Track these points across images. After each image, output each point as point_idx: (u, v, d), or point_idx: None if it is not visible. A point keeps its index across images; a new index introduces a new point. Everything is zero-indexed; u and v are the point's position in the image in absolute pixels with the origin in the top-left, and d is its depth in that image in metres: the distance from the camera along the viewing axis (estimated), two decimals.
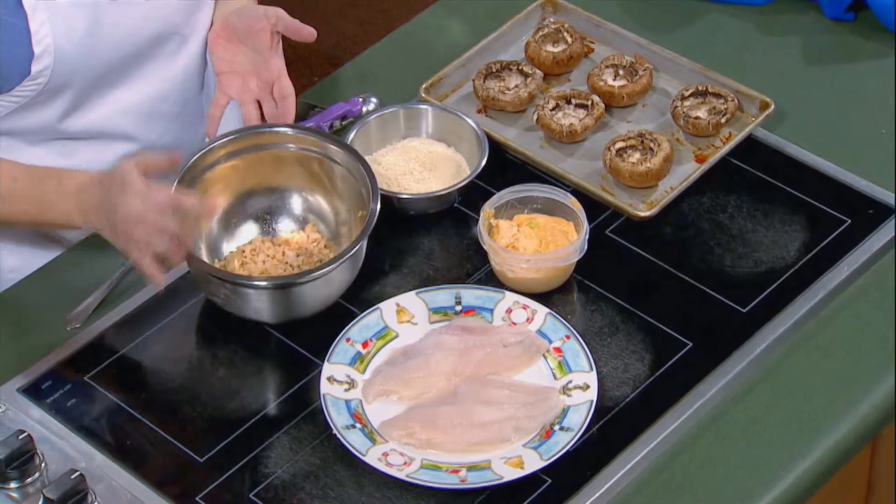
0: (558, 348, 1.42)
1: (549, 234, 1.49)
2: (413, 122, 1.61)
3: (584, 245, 1.46)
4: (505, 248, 1.47)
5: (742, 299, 1.48)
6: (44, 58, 1.41)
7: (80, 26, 1.43)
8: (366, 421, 1.37)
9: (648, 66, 1.66)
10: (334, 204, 1.52)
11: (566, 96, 1.63)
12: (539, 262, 1.45)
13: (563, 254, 1.45)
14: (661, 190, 1.57)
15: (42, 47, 1.41)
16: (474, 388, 1.39)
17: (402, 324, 1.45)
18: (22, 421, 1.38)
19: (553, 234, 1.49)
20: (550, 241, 1.48)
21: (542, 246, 1.48)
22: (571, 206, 1.49)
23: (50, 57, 1.41)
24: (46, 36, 1.41)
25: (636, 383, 1.41)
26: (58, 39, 1.41)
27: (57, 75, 1.44)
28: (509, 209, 1.51)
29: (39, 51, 1.41)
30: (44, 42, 1.41)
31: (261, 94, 1.53)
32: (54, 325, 1.48)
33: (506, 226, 1.50)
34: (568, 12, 1.73)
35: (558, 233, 1.49)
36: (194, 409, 1.40)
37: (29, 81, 1.43)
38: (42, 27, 1.40)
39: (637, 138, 1.58)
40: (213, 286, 1.44)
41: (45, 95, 1.46)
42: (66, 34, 1.42)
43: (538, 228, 1.49)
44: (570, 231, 1.49)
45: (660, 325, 1.46)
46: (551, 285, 1.47)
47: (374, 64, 1.74)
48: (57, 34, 1.41)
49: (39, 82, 1.43)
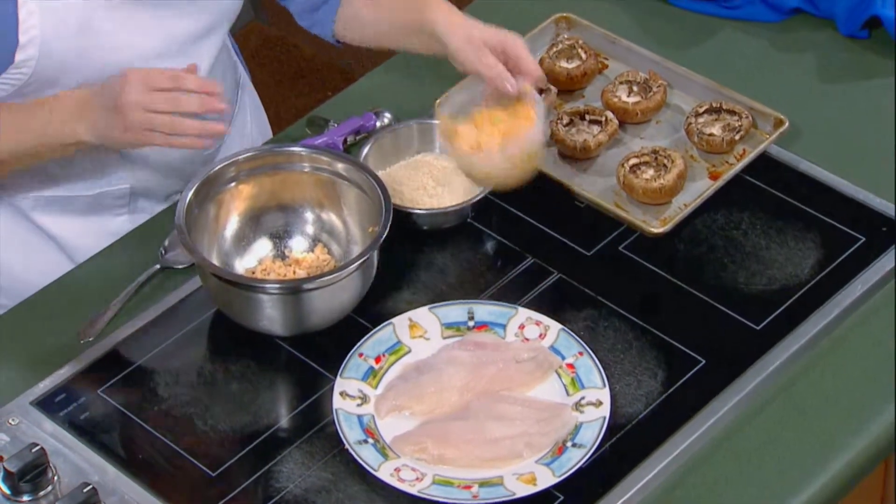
0: (571, 364, 1.43)
1: (513, 127, 1.46)
2: (427, 137, 1.63)
3: (546, 127, 1.43)
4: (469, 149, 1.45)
5: (755, 316, 1.49)
6: (28, 48, 1.42)
7: (70, 24, 1.43)
8: (378, 436, 1.38)
9: (662, 83, 1.67)
10: (346, 221, 1.53)
11: (580, 112, 1.64)
12: (501, 154, 1.43)
13: (525, 138, 1.43)
14: (674, 206, 1.58)
15: (28, 37, 1.41)
16: (487, 403, 1.40)
17: (414, 339, 1.46)
18: (35, 434, 1.39)
19: (516, 123, 1.46)
20: (513, 132, 1.46)
21: (506, 140, 1.46)
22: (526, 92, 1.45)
23: (35, 48, 1.42)
24: (34, 27, 1.41)
25: (649, 400, 1.42)
26: (46, 33, 1.42)
27: (44, 68, 1.44)
28: (467, 109, 1.48)
29: (25, 40, 1.41)
30: (30, 32, 1.41)
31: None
32: (68, 338, 1.49)
33: (466, 130, 1.47)
34: (582, 28, 1.74)
35: (521, 118, 1.46)
36: (206, 422, 1.41)
37: (13, 69, 1.43)
38: (31, 17, 1.41)
39: (651, 155, 1.59)
40: (226, 296, 1.45)
41: (33, 87, 1.46)
42: (55, 29, 1.42)
43: (500, 123, 1.46)
44: (533, 115, 1.46)
45: (673, 342, 1.47)
46: (526, 175, 1.46)
47: (388, 79, 1.75)
48: (45, 27, 1.42)
49: (24, 72, 1.44)
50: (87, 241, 1.61)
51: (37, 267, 1.60)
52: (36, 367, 1.46)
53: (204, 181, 1.49)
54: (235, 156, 1.52)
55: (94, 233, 1.61)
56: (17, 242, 1.61)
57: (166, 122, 1.38)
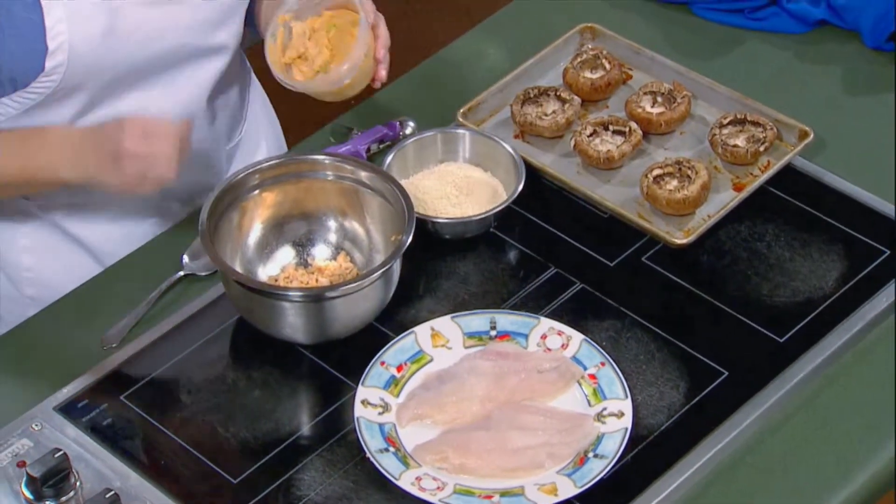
0: (593, 375, 1.44)
1: (346, 38, 1.47)
2: (450, 147, 1.63)
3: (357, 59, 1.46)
4: (289, 61, 1.47)
5: (779, 329, 1.49)
6: (58, 54, 1.43)
7: (97, 26, 1.45)
8: (399, 445, 1.39)
9: (687, 94, 1.67)
10: (369, 230, 1.54)
11: (604, 122, 1.65)
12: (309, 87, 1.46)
13: (331, 77, 1.46)
14: (698, 218, 1.58)
15: (56, 43, 1.42)
16: (508, 413, 1.40)
17: (436, 348, 1.46)
18: (58, 439, 1.40)
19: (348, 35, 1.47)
20: (342, 47, 1.47)
21: (335, 55, 1.47)
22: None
23: (64, 54, 1.43)
24: (62, 33, 1.42)
25: (671, 411, 1.42)
26: (73, 37, 1.43)
27: (72, 74, 1.45)
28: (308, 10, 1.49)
29: (54, 46, 1.42)
30: (58, 38, 1.42)
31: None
32: (91, 344, 1.50)
33: (298, 32, 1.49)
34: (607, 39, 1.75)
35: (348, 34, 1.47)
36: (228, 430, 1.42)
37: (43, 77, 1.44)
38: (58, 24, 1.42)
39: (675, 165, 1.59)
40: (248, 303, 1.46)
41: (60, 94, 1.47)
42: (83, 32, 1.44)
43: (337, 30, 1.48)
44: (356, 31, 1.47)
45: (695, 354, 1.47)
46: (349, 93, 1.49)
47: (413, 88, 1.76)
48: (73, 32, 1.43)
49: (54, 79, 1.45)
50: (116, 246, 1.62)
51: (66, 272, 1.61)
52: (59, 372, 1.47)
53: (227, 188, 1.50)
54: (259, 163, 1.53)
55: (123, 237, 1.62)
56: (47, 249, 1.62)
57: (158, 174, 1.41)
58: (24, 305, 1.60)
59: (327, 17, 1.51)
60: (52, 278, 1.61)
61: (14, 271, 1.62)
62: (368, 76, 1.50)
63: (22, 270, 1.62)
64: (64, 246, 1.62)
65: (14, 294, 1.63)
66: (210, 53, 1.55)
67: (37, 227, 1.61)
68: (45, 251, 1.61)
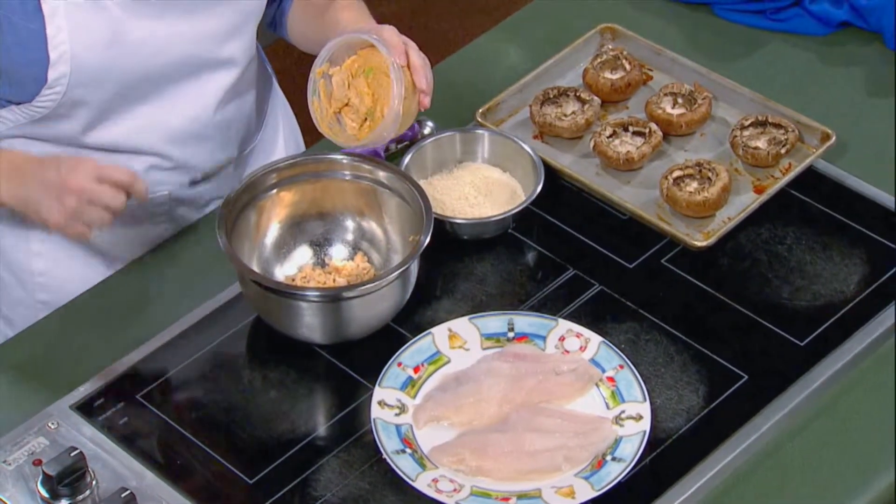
0: (611, 377, 1.43)
1: (384, 80, 1.45)
2: (469, 147, 1.63)
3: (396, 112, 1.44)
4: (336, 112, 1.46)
5: (799, 332, 1.48)
6: (60, 64, 1.43)
7: (100, 36, 1.45)
8: (416, 446, 1.39)
9: (708, 95, 1.67)
10: (387, 230, 1.54)
11: (624, 123, 1.64)
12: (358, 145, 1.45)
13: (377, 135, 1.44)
14: (718, 220, 1.57)
15: (58, 53, 1.43)
16: (526, 415, 1.40)
17: (454, 349, 1.46)
18: (74, 438, 1.40)
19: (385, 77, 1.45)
20: (382, 90, 1.45)
21: (377, 99, 1.46)
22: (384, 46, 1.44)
23: (66, 65, 1.43)
24: (63, 42, 1.42)
25: (690, 415, 1.42)
26: (75, 47, 1.43)
27: (76, 84, 1.45)
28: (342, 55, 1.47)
29: (55, 56, 1.42)
30: (60, 48, 1.42)
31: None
32: (107, 342, 1.50)
33: (337, 82, 1.47)
34: (627, 39, 1.74)
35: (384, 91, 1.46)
36: (244, 430, 1.42)
37: (47, 90, 1.45)
38: (59, 33, 1.42)
39: (695, 167, 1.59)
40: (265, 303, 1.46)
41: (65, 107, 1.48)
42: (85, 42, 1.44)
43: (374, 73, 1.45)
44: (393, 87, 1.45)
45: (715, 357, 1.46)
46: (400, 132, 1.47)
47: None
48: (75, 41, 1.43)
49: (58, 91, 1.45)
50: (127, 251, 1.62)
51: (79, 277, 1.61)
52: (76, 371, 1.47)
53: (244, 187, 1.50)
54: (276, 163, 1.53)
55: (135, 242, 1.63)
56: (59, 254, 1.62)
57: (96, 218, 1.42)
58: (37, 310, 1.61)
59: (363, 56, 1.47)
60: (65, 284, 1.61)
61: (26, 276, 1.62)
62: (413, 112, 1.48)
63: (34, 276, 1.62)
64: (76, 251, 1.62)
65: (26, 299, 1.63)
66: (217, 67, 1.55)
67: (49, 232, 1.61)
68: (58, 256, 1.61)
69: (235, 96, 1.59)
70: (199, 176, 1.62)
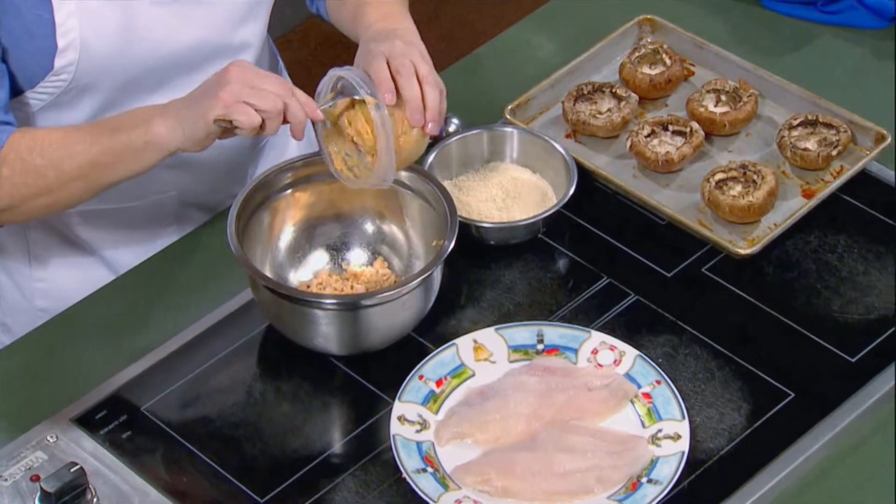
0: (648, 394, 1.44)
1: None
2: (497, 146, 1.64)
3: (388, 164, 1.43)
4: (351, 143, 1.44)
5: (850, 347, 1.49)
6: (68, 52, 1.45)
7: (110, 23, 1.46)
8: (438, 465, 1.40)
9: (753, 93, 1.68)
10: (408, 234, 1.55)
11: (663, 122, 1.66)
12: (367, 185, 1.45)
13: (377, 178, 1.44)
14: (763, 226, 1.58)
15: (67, 41, 1.44)
16: (555, 433, 1.41)
17: (479, 362, 1.47)
18: (74, 452, 1.42)
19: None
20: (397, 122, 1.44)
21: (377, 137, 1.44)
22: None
23: (75, 52, 1.45)
24: (72, 29, 1.44)
25: (732, 435, 1.42)
26: (85, 34, 1.45)
27: (84, 73, 1.47)
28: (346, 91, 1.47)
29: (64, 44, 1.44)
30: (69, 35, 1.44)
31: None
32: (110, 352, 1.52)
33: (343, 126, 1.45)
34: (667, 32, 1.76)
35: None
36: (255, 445, 1.44)
37: (53, 77, 1.46)
38: (69, 20, 1.44)
39: (739, 170, 1.60)
40: (278, 310, 1.47)
41: (71, 94, 1.49)
42: (95, 30, 1.46)
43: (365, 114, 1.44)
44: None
45: (759, 373, 1.47)
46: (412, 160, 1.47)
47: (457, 82, 1.76)
48: (84, 28, 1.45)
49: (64, 79, 1.47)
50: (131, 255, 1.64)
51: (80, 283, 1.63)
52: (76, 382, 1.49)
53: (257, 187, 1.52)
54: (291, 161, 1.54)
55: (139, 245, 1.65)
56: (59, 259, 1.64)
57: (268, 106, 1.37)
58: (36, 318, 1.62)
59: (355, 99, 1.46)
60: (65, 290, 1.63)
61: (25, 282, 1.64)
62: (420, 143, 1.47)
63: (33, 281, 1.64)
64: (77, 255, 1.64)
65: (25, 306, 1.65)
66: (232, 52, 1.57)
67: (49, 235, 1.63)
68: (58, 261, 1.63)
69: None
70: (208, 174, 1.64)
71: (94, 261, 1.65)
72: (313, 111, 1.41)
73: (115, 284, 1.60)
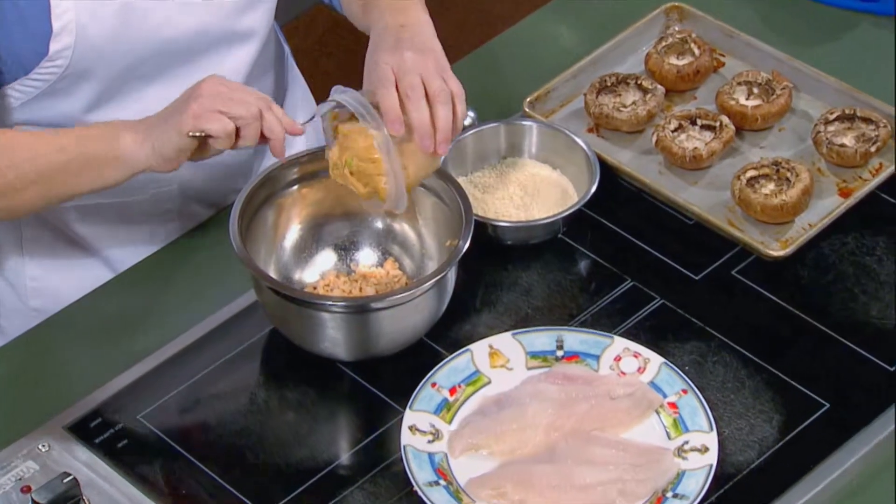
0: (674, 403, 1.44)
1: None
2: (515, 141, 1.64)
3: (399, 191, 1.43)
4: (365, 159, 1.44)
5: (889, 356, 1.49)
6: (63, 36, 1.45)
7: (107, 5, 1.47)
8: (451, 478, 1.40)
9: (787, 85, 1.68)
10: (421, 233, 1.55)
11: (691, 116, 1.65)
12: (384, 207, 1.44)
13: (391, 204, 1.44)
14: (797, 226, 1.58)
15: (62, 23, 1.45)
16: (576, 445, 1.41)
17: (495, 368, 1.47)
18: (67, 463, 1.42)
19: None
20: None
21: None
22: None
23: (70, 36, 1.45)
24: (68, 11, 1.45)
25: (763, 448, 1.42)
26: (81, 17, 1.45)
27: (79, 58, 1.47)
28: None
29: (59, 27, 1.45)
30: (64, 17, 1.45)
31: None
32: (106, 355, 1.52)
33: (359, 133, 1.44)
34: (696, 20, 1.75)
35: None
36: (258, 456, 1.44)
37: (47, 63, 1.47)
38: (63, 1, 1.44)
39: (772, 167, 1.60)
40: (283, 313, 1.47)
41: (67, 81, 1.50)
42: (92, 12, 1.46)
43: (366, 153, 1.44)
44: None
45: (792, 382, 1.47)
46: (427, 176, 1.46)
47: (473, 73, 1.77)
48: (80, 10, 1.45)
49: (59, 64, 1.47)
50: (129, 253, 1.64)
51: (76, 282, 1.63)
52: (70, 387, 1.49)
53: (261, 183, 1.52)
54: (297, 155, 1.55)
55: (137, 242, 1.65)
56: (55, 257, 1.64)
57: (243, 112, 1.39)
58: (30, 318, 1.63)
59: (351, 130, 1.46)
60: (60, 289, 1.63)
61: (18, 280, 1.65)
62: (430, 165, 1.47)
63: (27, 280, 1.64)
64: (73, 253, 1.64)
65: (18, 306, 1.65)
66: (236, 40, 1.57)
67: (44, 231, 1.63)
68: (53, 259, 1.64)
69: (254, 75, 1.61)
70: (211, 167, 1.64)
71: (91, 259, 1.66)
72: (291, 126, 1.42)
73: (112, 284, 1.61)
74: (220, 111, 1.39)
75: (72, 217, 1.63)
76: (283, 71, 1.73)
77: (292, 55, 1.78)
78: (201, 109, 1.39)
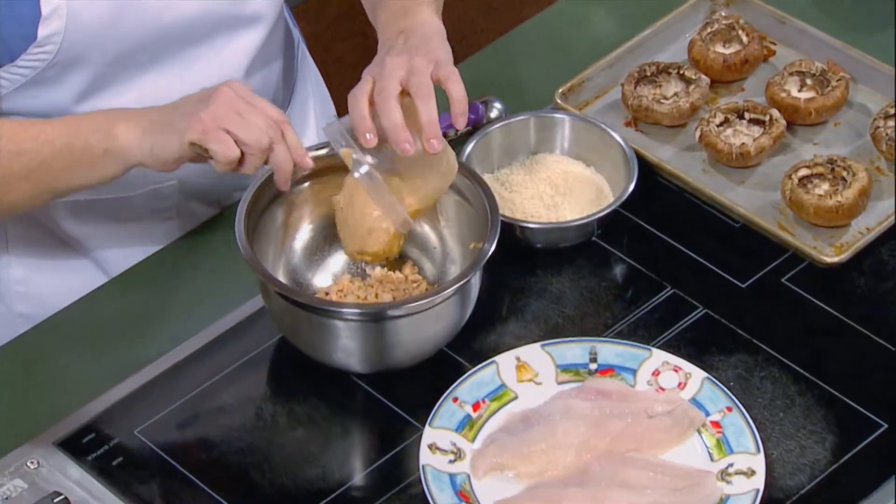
0: (717, 423, 1.44)
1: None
2: (546, 135, 1.64)
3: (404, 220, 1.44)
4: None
5: None
6: (53, 20, 1.46)
7: None
8: (474, 500, 1.40)
9: (844, 76, 1.67)
10: (442, 235, 1.55)
11: (738, 109, 1.65)
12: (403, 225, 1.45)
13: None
14: (853, 230, 1.57)
15: (51, 6, 1.45)
16: (610, 466, 1.41)
17: (522, 383, 1.47)
18: (58, 481, 1.42)
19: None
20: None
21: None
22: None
23: (61, 20, 1.46)
24: None
25: (815, 471, 1.42)
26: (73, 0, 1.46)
27: (70, 44, 1.48)
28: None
29: (48, 10, 1.45)
30: (54, 1, 1.45)
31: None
32: (99, 366, 1.53)
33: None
34: (744, 5, 1.75)
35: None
36: (264, 475, 1.44)
37: (36, 48, 1.47)
38: None
39: (826, 165, 1.59)
40: (293, 321, 1.47)
41: (57, 69, 1.50)
42: None
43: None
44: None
45: (847, 400, 1.46)
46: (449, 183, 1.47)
47: (500, 61, 1.77)
48: None
49: (49, 50, 1.47)
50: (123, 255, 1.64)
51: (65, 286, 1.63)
52: (60, 400, 1.49)
53: (269, 179, 1.52)
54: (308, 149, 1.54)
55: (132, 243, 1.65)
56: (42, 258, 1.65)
57: (251, 140, 1.39)
58: (15, 325, 1.63)
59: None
60: (49, 294, 1.64)
61: (3, 285, 1.65)
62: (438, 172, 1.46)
63: (12, 283, 1.65)
64: (63, 254, 1.64)
65: (2, 311, 1.66)
66: (240, 25, 1.57)
67: (30, 231, 1.63)
68: (41, 260, 1.64)
69: (261, 63, 1.61)
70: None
71: (82, 260, 1.66)
72: (302, 159, 1.42)
73: (106, 288, 1.61)
74: (228, 130, 1.39)
75: (61, 214, 1.63)
76: (293, 59, 1.73)
77: (304, 42, 1.78)
78: (210, 121, 1.39)
